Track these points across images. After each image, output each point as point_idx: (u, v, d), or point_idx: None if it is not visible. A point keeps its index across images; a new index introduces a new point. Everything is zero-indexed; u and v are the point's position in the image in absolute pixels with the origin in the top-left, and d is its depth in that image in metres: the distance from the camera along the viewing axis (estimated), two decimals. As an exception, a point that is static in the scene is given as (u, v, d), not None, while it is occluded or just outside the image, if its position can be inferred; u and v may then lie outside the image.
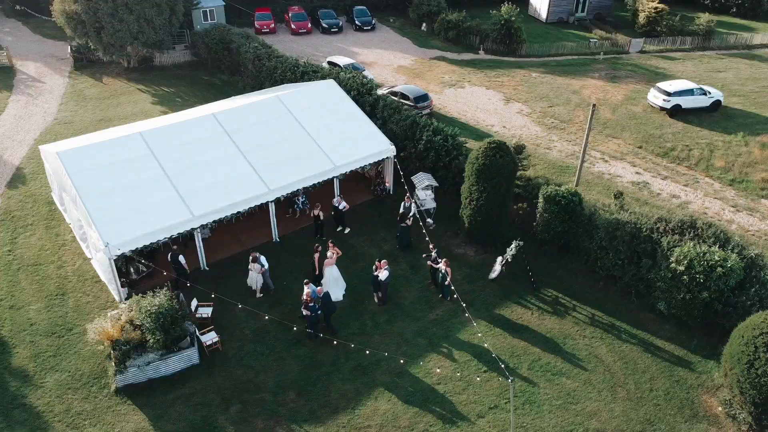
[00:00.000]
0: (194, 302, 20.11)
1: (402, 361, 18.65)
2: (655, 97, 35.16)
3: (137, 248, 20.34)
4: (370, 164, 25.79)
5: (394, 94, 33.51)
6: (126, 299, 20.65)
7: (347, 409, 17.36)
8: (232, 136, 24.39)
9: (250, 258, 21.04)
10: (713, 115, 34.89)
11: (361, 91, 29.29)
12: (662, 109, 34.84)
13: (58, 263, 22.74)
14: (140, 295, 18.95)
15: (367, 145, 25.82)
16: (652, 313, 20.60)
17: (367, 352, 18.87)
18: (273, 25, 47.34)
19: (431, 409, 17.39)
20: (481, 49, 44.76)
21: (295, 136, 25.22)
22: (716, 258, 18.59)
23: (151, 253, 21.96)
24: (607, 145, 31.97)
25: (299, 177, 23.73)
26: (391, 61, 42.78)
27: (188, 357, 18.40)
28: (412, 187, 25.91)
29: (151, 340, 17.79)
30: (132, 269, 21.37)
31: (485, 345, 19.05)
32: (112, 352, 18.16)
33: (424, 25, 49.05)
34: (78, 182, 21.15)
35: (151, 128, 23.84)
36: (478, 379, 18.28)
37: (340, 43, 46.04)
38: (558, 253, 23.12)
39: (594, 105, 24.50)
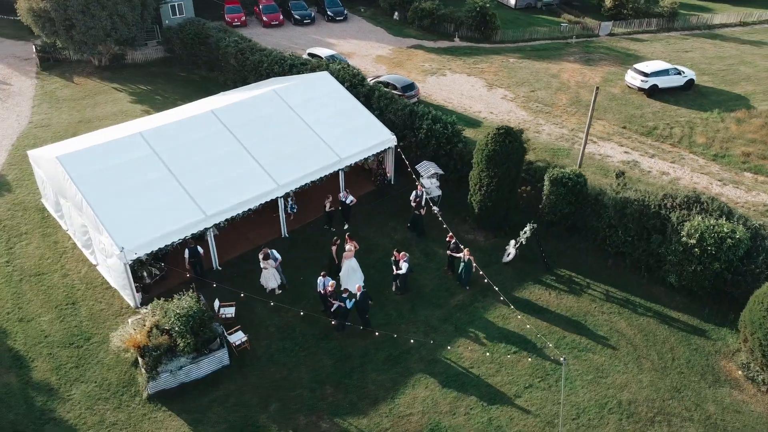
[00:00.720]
0: (216, 303, 19.79)
1: (432, 342, 18.92)
2: (633, 78, 36.25)
3: (152, 251, 19.82)
4: (373, 155, 25.76)
5: (380, 84, 33.45)
6: (141, 304, 20.23)
7: (386, 398, 17.47)
8: (234, 132, 23.94)
9: (261, 256, 20.78)
10: (688, 94, 36.24)
11: (354, 82, 29.15)
12: (640, 89, 35.96)
13: (62, 272, 21.93)
14: (163, 299, 18.52)
15: (369, 136, 25.78)
16: (662, 286, 21.43)
17: (395, 335, 19.00)
18: (244, 17, 46.40)
19: (468, 392, 17.69)
20: (456, 37, 45.08)
21: (297, 130, 24.95)
22: (725, 230, 19.45)
23: (163, 255, 21.41)
24: (593, 127, 32.77)
25: (306, 171, 23.52)
26: (368, 51, 42.63)
27: (219, 359, 18.12)
28: (418, 176, 26.04)
29: (181, 344, 17.42)
30: (145, 273, 20.80)
31: (527, 326, 19.57)
32: (140, 358, 17.74)
33: (396, 13, 49.00)
34: (83, 187, 20.40)
35: (151, 128, 23.15)
36: (509, 357, 18.68)
37: (314, 34, 45.55)
38: (566, 233, 23.70)
39: (597, 88, 25.13)
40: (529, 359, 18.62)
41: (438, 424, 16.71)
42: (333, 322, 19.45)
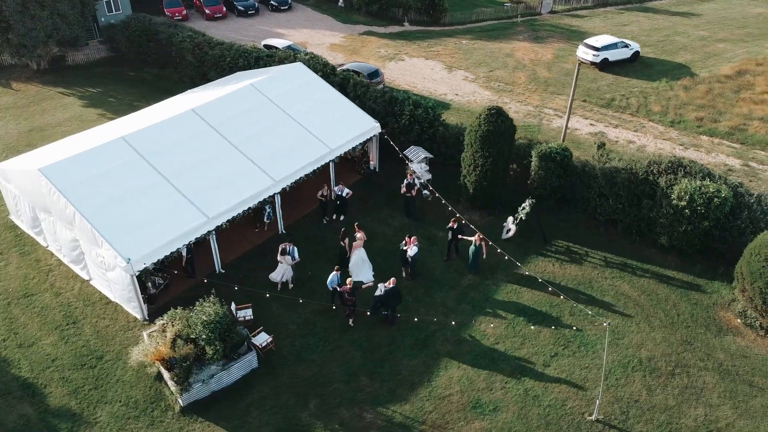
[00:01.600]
0: (232, 306, 19.23)
1: (453, 323, 19.27)
2: (584, 53, 37.74)
3: (159, 260, 18.98)
4: (360, 144, 25.62)
5: (345, 71, 33.16)
6: (148, 316, 19.41)
7: (423, 382, 17.67)
8: (219, 130, 23.16)
9: (279, 250, 20.41)
10: (634, 66, 38.16)
11: (326, 72, 28.81)
12: (592, 63, 37.52)
13: (53, 290, 20.63)
14: (181, 307, 17.83)
15: (354, 125, 25.62)
16: (654, 248, 22.69)
17: (416, 319, 19.21)
18: (185, 11, 44.58)
19: (500, 367, 18.16)
20: (406, 21, 45.25)
21: (283, 124, 24.44)
22: (711, 190, 20.80)
23: (170, 263, 20.53)
24: (555, 102, 33.98)
25: (299, 165, 23.13)
26: (321, 39, 42.08)
27: (248, 363, 17.69)
28: (407, 162, 26.16)
29: (210, 352, 16.87)
30: (149, 284, 19.90)
31: (540, 298, 20.22)
32: (165, 371, 17.05)
33: (340, 1, 48.53)
34: (74, 199, 19.19)
35: (133, 131, 21.99)
36: (531, 329, 19.31)
37: (260, 25, 44.44)
38: (555, 206, 24.56)
39: (579, 63, 25.92)
40: (550, 329, 19.31)
41: (479, 401, 17.10)
42: (367, 312, 19.32)
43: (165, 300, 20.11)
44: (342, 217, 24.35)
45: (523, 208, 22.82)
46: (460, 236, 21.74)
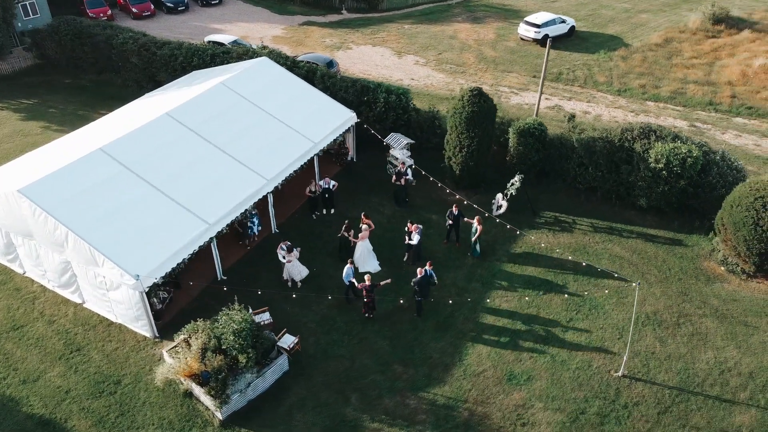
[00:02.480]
0: (249, 311, 18.66)
1: (469, 299, 19.74)
2: (526, 31, 39.05)
3: (167, 273, 18.10)
4: (340, 135, 25.38)
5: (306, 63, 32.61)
6: (159, 333, 18.55)
7: (455, 362, 18.01)
8: (200, 132, 22.24)
9: (285, 248, 20.01)
10: (571, 40, 39.89)
11: (288, 65, 28.22)
12: (534, 40, 38.89)
13: (45, 319, 19.21)
14: (201, 319, 17.14)
15: (332, 116, 25.34)
16: (633, 210, 24.09)
17: (431, 299, 19.49)
18: (110, 11, 41.97)
19: (523, 337, 18.80)
20: (343, 9, 44.89)
21: (262, 121, 23.79)
22: (684, 151, 22.35)
23: (177, 276, 19.59)
24: (508, 80, 35.04)
25: (288, 162, 22.64)
26: (261, 32, 41.00)
27: (280, 366, 17.32)
28: (385, 149, 26.23)
29: (243, 360, 16.37)
30: (155, 299, 18.93)
31: (543, 267, 20.95)
32: (196, 386, 16.40)
33: (272, -9, 47.38)
34: (64, 218, 17.88)
35: (108, 141, 20.68)
36: (543, 298, 20.09)
37: (194, 21, 42.67)
38: (535, 180, 25.45)
39: (549, 39, 26.82)
40: (560, 297, 20.17)
41: (512, 373, 17.67)
42: (408, 301, 19.34)
43: (172, 314, 19.28)
44: (332, 211, 24.13)
45: (513, 184, 23.54)
46: (464, 219, 22.02)
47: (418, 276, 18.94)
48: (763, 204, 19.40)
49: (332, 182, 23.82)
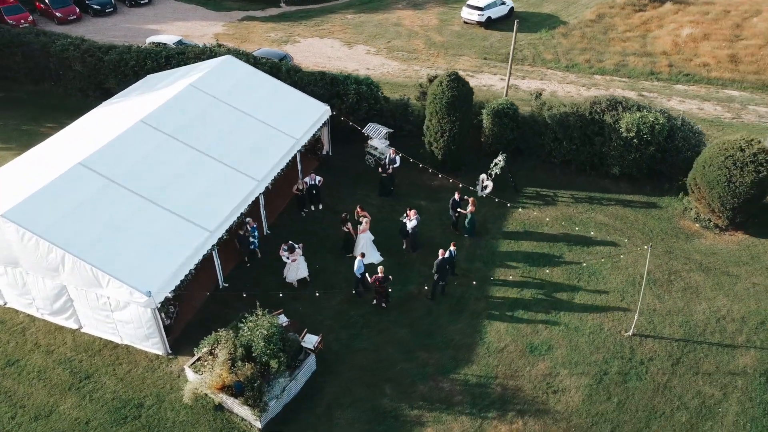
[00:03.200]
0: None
1: (474, 282, 20.20)
2: (469, 14, 39.81)
3: (176, 286, 17.35)
4: (318, 129, 25.04)
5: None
6: (171, 349, 17.82)
7: (477, 342, 18.41)
8: (179, 138, 21.34)
9: (287, 248, 19.66)
10: (511, 21, 40.87)
11: (250, 62, 27.47)
12: (478, 23, 39.74)
13: (42, 349, 17.97)
14: (222, 329, 16.58)
15: (307, 111, 24.95)
16: (607, 179, 25.30)
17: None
18: (30, 17, 39.08)
19: (534, 309, 19.48)
20: (282, 2, 43.99)
21: (240, 122, 23.10)
22: (650, 118, 23.72)
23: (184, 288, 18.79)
24: (461, 63, 35.68)
25: (274, 160, 22.15)
26: (201, 30, 39.54)
27: (309, 367, 17.09)
28: (362, 140, 26.16)
29: (275, 365, 16.01)
30: (163, 314, 18.09)
31: (538, 242, 21.72)
32: (228, 399, 15.92)
33: (203, -12, 45.65)
34: (58, 240, 16.74)
35: (86, 154, 19.45)
36: (544, 272, 20.84)
37: (126, 23, 40.52)
38: (511, 157, 26.15)
39: (517, 21, 27.45)
40: (560, 267, 21.00)
41: (532, 344, 18.29)
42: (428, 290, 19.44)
43: (180, 327, 18.55)
44: (320, 206, 23.87)
45: (496, 164, 24.15)
46: (459, 210, 22.30)
47: (440, 257, 19.14)
48: (733, 162, 20.96)
49: (318, 178, 23.54)
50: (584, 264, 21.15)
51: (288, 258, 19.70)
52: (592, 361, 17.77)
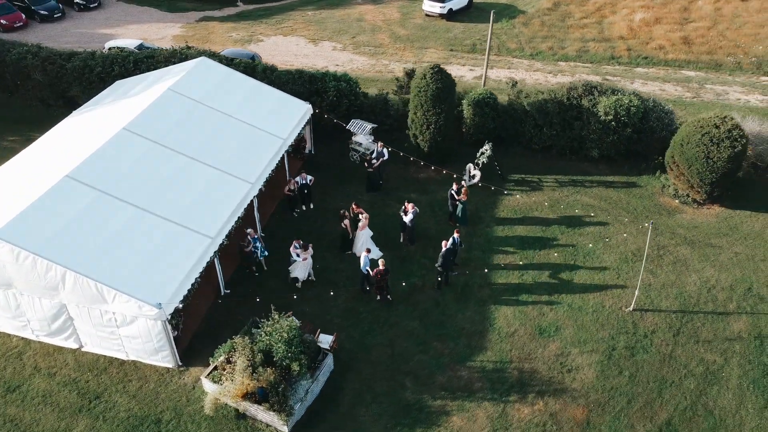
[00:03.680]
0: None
1: (486, 270, 20.56)
2: (431, 7, 40.12)
3: (184, 296, 16.89)
4: (303, 128, 24.76)
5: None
6: (181, 360, 17.38)
7: (487, 328, 18.70)
8: (166, 144, 20.74)
9: (299, 245, 19.46)
10: (471, 12, 41.64)
11: (222, 63, 26.88)
12: (440, 15, 40.09)
13: (44, 372, 17.17)
14: (238, 336, 16.27)
15: (291, 111, 24.66)
16: (586, 162, 26.08)
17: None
18: (23, 16, 37.28)
19: (537, 292, 19.93)
20: (239, 1, 43.13)
21: (225, 124, 22.61)
22: (626, 101, 24.58)
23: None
24: (428, 56, 35.93)
25: (264, 162, 21.82)
26: (159, 33, 38.38)
27: (328, 366, 16.98)
28: (345, 137, 26.04)
29: (296, 368, 15.82)
30: (170, 326, 17.55)
31: (531, 226, 22.12)
32: (251, 406, 15.66)
33: (154, -12, 44.26)
34: (57, 257, 16.02)
35: (72, 166, 18.64)
36: (540, 254, 21.35)
37: (78, 28, 38.91)
38: (493, 146, 26.59)
39: (493, 12, 27.78)
40: (555, 250, 21.54)
41: (540, 327, 18.73)
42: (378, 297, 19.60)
43: (188, 338, 18.07)
44: (311, 206, 23.67)
45: (483, 153, 24.51)
46: (457, 199, 22.50)
47: (443, 249, 19.29)
48: (710, 138, 21.98)
49: (309, 177, 23.33)
50: (578, 245, 21.77)
51: (299, 256, 19.48)
52: (600, 338, 18.37)
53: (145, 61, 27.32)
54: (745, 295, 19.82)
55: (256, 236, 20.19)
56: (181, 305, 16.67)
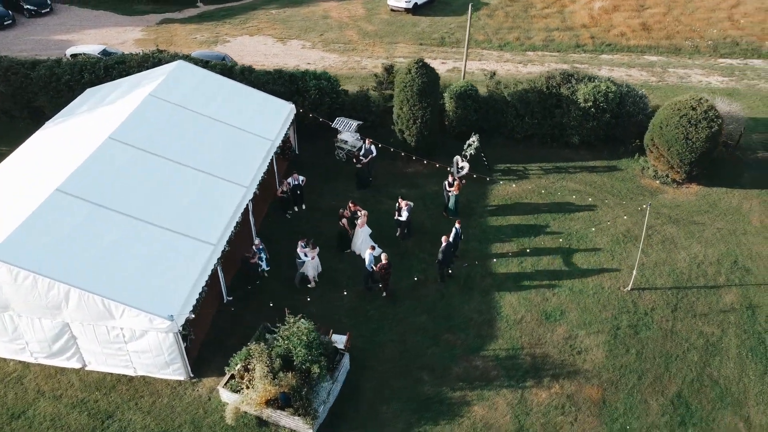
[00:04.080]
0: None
1: (477, 262, 20.78)
2: (397, 2, 40.23)
3: (194, 306, 16.48)
4: (289, 127, 24.45)
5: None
6: (192, 372, 17.00)
7: (495, 317, 18.96)
8: (155, 152, 20.14)
9: (305, 244, 19.28)
10: (435, 5, 41.94)
11: (198, 65, 26.28)
12: (406, 10, 40.21)
13: (48, 396, 16.48)
14: (254, 343, 16.01)
15: (274, 111, 24.33)
16: (567, 149, 26.70)
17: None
18: (10, 14, 35.34)
19: (538, 278, 20.32)
20: (198, 1, 42.14)
21: (211, 128, 22.13)
22: (603, 88, 25.27)
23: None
24: (399, 51, 36.00)
25: (256, 164, 21.46)
26: (120, 37, 37.16)
27: (345, 367, 16.89)
28: (330, 134, 25.87)
29: (317, 370, 15.67)
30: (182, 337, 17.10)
31: (524, 214, 22.53)
32: (273, 412, 15.46)
33: (107, -8, 42.79)
34: (59, 275, 15.37)
35: (61, 179, 17.88)
36: (535, 240, 21.77)
37: (32, 35, 37.31)
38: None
39: (470, 5, 27.98)
40: (549, 236, 22.01)
41: (545, 312, 19.12)
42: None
43: (196, 349, 17.66)
44: (303, 207, 23.44)
45: (470, 145, 24.78)
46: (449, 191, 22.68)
47: (443, 244, 19.43)
48: (688, 120, 22.84)
49: (300, 177, 23.09)
50: (570, 230, 22.31)
51: (307, 255, 19.28)
52: (603, 319, 18.90)
53: (116, 66, 26.39)
54: (732, 268, 20.74)
55: (261, 246, 19.78)
56: (191, 315, 16.27)
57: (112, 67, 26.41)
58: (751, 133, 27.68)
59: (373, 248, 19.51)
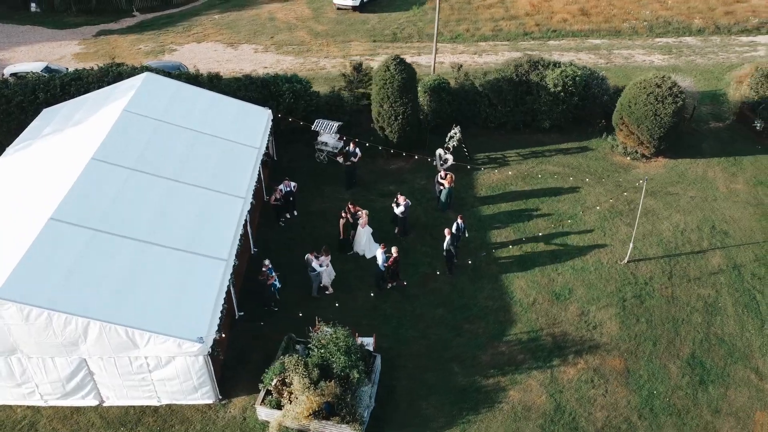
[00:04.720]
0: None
1: (478, 256, 21.20)
2: (343, 0, 39.93)
3: (218, 325, 15.86)
4: (270, 134, 23.87)
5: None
6: (221, 393, 16.43)
7: (509, 303, 19.37)
8: (142, 169, 19.20)
9: (317, 257, 18.92)
10: (381, 2, 42.01)
11: (170, 76, 25.21)
12: (353, 8, 40.06)
13: (69, 438, 15.41)
14: (287, 356, 15.63)
15: (253, 118, 23.76)
16: (539, 133, 27.56)
17: (454, 260, 20.53)
18: None
19: (541, 263, 20.89)
20: (134, 11, 40.25)
21: (194, 140, 21.32)
22: (570, 72, 26.26)
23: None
24: (354, 49, 35.86)
25: (247, 174, 20.90)
26: (56, 52, 34.99)
27: (377, 368, 16.78)
28: (307, 137, 25.48)
29: (356, 375, 15.51)
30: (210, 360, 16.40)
31: (514, 202, 23.05)
32: (317, 423, 15.17)
33: (33, 5, 40.08)
34: (76, 309, 14.40)
35: (53, 207, 16.68)
36: (529, 226, 22.39)
37: (-46, 56, 34.34)
38: (447, 130, 27.22)
39: (438, 1, 28.10)
40: (542, 220, 22.69)
41: (555, 292, 19.74)
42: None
43: (219, 369, 17.01)
44: (295, 213, 23.01)
45: (452, 137, 25.09)
46: (439, 183, 22.85)
47: (447, 237, 19.62)
48: (655, 97, 24.12)
49: (292, 183, 22.64)
50: (560, 211, 23.09)
51: (321, 265, 18.92)
52: (609, 293, 19.73)
53: (72, 83, 24.84)
54: (711, 233, 22.16)
55: (271, 266, 19.17)
56: (219, 335, 15.66)
57: (69, 84, 24.84)
58: (701, 106, 29.57)
59: (384, 246, 19.44)
